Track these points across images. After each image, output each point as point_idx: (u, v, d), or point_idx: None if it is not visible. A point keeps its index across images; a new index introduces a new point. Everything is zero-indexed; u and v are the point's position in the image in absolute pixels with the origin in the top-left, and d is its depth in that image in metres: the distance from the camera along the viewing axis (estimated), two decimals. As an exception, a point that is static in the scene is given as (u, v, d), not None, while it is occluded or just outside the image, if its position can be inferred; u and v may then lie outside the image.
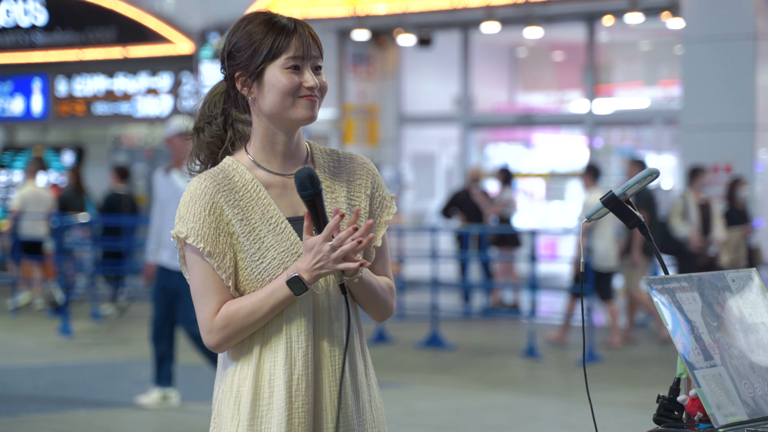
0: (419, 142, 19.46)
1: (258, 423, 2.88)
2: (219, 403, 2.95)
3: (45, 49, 20.36)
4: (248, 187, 2.90)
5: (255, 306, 2.84)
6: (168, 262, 8.84)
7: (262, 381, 2.88)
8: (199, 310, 2.88)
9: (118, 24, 19.39)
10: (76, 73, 20.31)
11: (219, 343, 2.87)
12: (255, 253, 2.86)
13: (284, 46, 2.89)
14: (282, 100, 2.88)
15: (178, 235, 2.87)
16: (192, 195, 2.87)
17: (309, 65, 2.90)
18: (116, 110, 19.95)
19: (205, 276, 2.87)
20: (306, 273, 2.80)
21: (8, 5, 20.72)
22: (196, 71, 18.49)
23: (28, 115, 21.16)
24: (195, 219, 2.85)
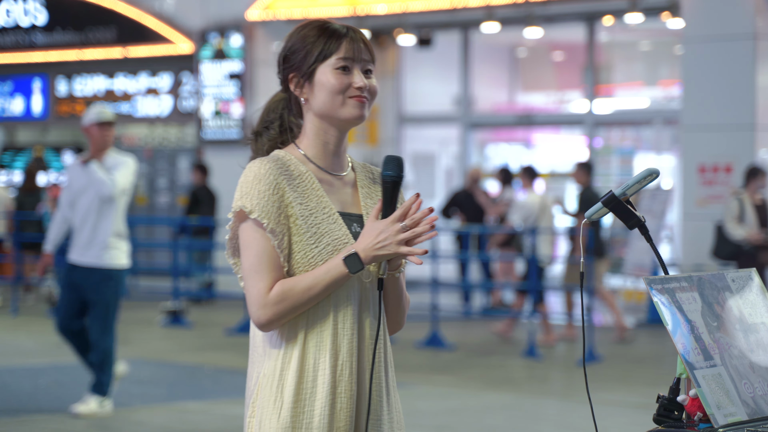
0: (419, 142, 19.46)
1: (301, 406, 2.93)
2: (258, 387, 2.98)
3: (45, 49, 20.36)
4: (303, 177, 3.01)
5: (311, 283, 2.90)
6: (78, 259, 8.56)
7: (307, 365, 2.94)
8: (252, 285, 2.93)
9: (118, 24, 19.38)
10: (76, 73, 20.31)
11: (270, 319, 2.91)
12: (311, 237, 2.95)
13: (335, 47, 3.01)
14: (332, 99, 3.00)
15: (243, 209, 2.93)
16: (255, 174, 2.96)
17: (359, 67, 3.02)
18: (116, 110, 19.94)
19: (263, 252, 2.93)
20: (364, 251, 2.89)
21: (8, 5, 20.72)
22: (196, 71, 18.48)
23: (28, 115, 21.16)
24: (260, 196, 2.94)
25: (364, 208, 3.06)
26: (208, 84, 18.30)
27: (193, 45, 18.51)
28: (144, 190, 20.42)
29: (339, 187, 3.05)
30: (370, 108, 3.04)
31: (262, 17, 17.76)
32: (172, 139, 20.33)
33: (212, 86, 18.27)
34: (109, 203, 8.63)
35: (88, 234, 8.60)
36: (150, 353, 12.06)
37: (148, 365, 11.28)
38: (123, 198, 8.73)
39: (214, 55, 18.22)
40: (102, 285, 8.55)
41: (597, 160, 17.63)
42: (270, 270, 2.92)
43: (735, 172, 14.02)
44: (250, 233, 2.94)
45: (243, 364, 11.30)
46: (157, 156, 20.31)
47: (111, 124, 8.71)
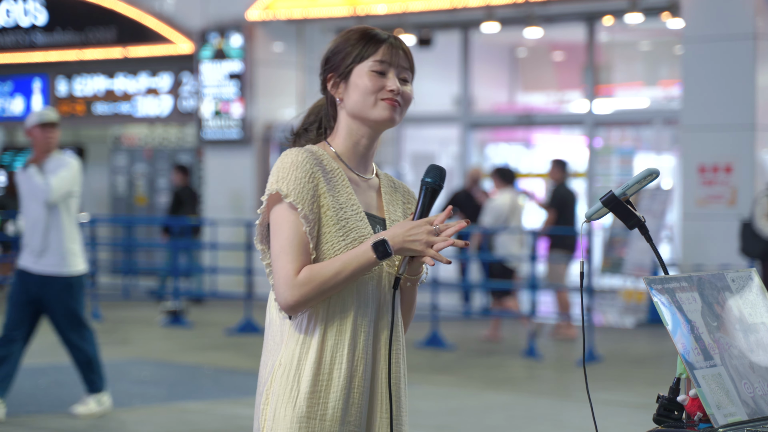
0: (419, 142, 19.46)
1: (317, 397, 2.97)
2: (273, 375, 3.01)
3: (45, 49, 20.36)
4: (335, 173, 3.07)
5: (339, 267, 2.95)
6: (31, 267, 8.36)
7: (325, 357, 2.99)
8: (281, 266, 2.96)
9: (118, 24, 19.38)
10: (76, 73, 20.31)
11: (297, 301, 2.95)
12: (339, 230, 3.01)
13: (373, 50, 3.09)
14: (364, 99, 3.06)
15: (279, 192, 2.98)
16: (293, 161, 3.02)
17: (395, 72, 3.09)
18: (116, 110, 19.95)
19: (295, 235, 2.97)
20: (393, 239, 2.94)
21: (8, 5, 20.72)
22: (196, 71, 18.48)
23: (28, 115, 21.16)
24: (296, 182, 2.99)
25: (387, 213, 3.14)
26: (208, 84, 18.29)
27: (193, 45, 18.51)
28: (144, 190, 20.43)
29: (365, 188, 3.13)
30: (403, 114, 3.11)
31: (262, 17, 17.76)
32: (172, 139, 20.33)
33: (212, 86, 18.26)
34: (56, 208, 8.38)
35: (39, 240, 8.35)
36: (150, 353, 12.05)
37: (148, 365, 11.28)
38: (72, 201, 8.47)
39: (214, 55, 18.22)
40: (65, 294, 8.36)
41: (597, 160, 17.64)
42: (300, 253, 2.96)
43: (735, 172, 14.02)
44: (283, 216, 2.99)
45: (243, 364, 11.33)
46: (157, 156, 20.31)
47: (54, 125, 8.47)
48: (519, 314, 13.46)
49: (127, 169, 20.53)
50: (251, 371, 10.79)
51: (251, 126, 17.77)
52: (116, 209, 20.48)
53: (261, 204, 3.06)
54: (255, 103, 17.91)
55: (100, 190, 21.04)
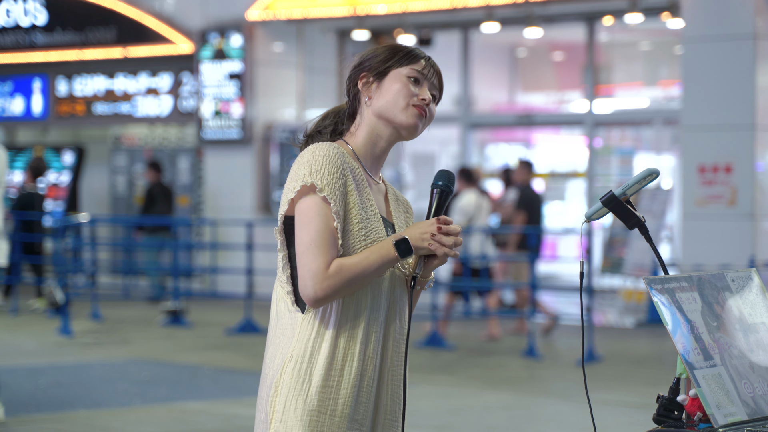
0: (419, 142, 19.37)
1: (328, 391, 2.98)
2: (284, 368, 3.01)
3: (45, 49, 20.36)
4: (356, 172, 3.11)
5: (365, 262, 2.98)
6: None
7: (338, 352, 3.00)
8: (311, 259, 2.97)
9: (118, 24, 19.38)
10: (76, 73, 20.31)
11: (327, 294, 2.96)
12: (362, 230, 3.04)
13: (413, 60, 3.15)
14: (396, 101, 3.10)
15: (314, 184, 2.99)
16: (325, 156, 3.03)
17: (428, 86, 3.15)
18: (116, 110, 19.95)
19: (326, 229, 2.98)
20: (413, 237, 2.99)
21: (8, 5, 20.72)
22: (196, 71, 18.48)
23: (28, 115, 21.16)
24: (329, 177, 3.01)
25: (395, 219, 3.19)
26: (208, 84, 18.29)
27: (193, 45, 18.51)
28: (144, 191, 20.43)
29: (376, 192, 3.18)
30: (425, 127, 3.15)
31: (262, 17, 17.76)
32: (172, 139, 20.33)
33: (212, 86, 18.26)
34: None
35: None
36: (150, 353, 12.06)
37: (148, 365, 11.28)
38: None
39: (214, 55, 18.22)
40: None
41: (597, 160, 17.64)
42: (331, 246, 2.98)
43: (735, 172, 14.02)
44: (315, 209, 2.99)
45: (243, 364, 11.32)
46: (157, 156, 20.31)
47: None
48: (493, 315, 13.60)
49: (127, 169, 20.52)
50: (251, 371, 10.79)
51: (251, 126, 17.76)
52: (116, 209, 20.47)
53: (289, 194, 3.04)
54: (255, 103, 17.91)
55: (100, 190, 21.04)
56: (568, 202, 19.21)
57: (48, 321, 14.49)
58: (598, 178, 17.49)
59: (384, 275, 3.05)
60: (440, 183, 3.09)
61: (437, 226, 3.00)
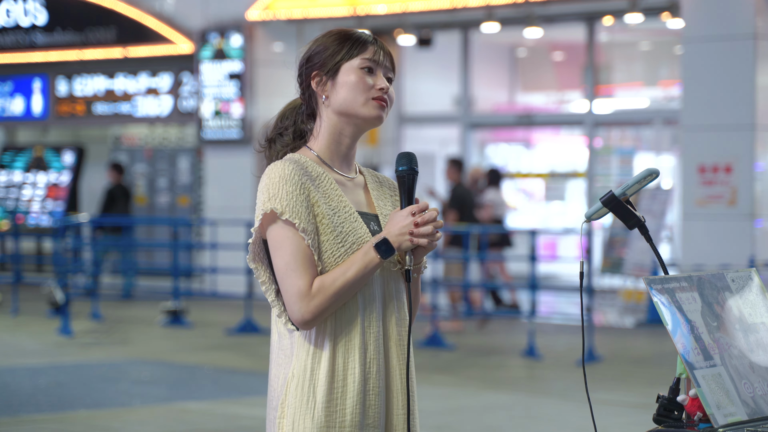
0: (419, 142, 19.45)
1: (334, 405, 2.96)
2: (287, 388, 2.98)
3: (45, 49, 20.36)
4: (321, 178, 3.05)
5: (347, 273, 2.93)
6: None
7: (338, 364, 2.97)
8: (291, 284, 2.93)
9: (118, 24, 19.38)
10: (76, 73, 20.31)
11: (314, 314, 2.92)
12: (336, 237, 2.98)
13: (362, 49, 3.08)
14: (354, 97, 3.04)
15: (274, 211, 2.94)
16: (281, 176, 2.97)
17: (382, 72, 3.08)
18: (116, 110, 19.95)
19: (298, 250, 2.93)
20: (392, 237, 2.95)
21: (8, 5, 20.72)
22: (196, 71, 18.48)
23: (28, 115, 21.16)
24: (288, 197, 2.95)
25: (378, 209, 3.13)
26: (208, 84, 18.29)
27: (193, 45, 18.51)
28: (144, 191, 20.42)
29: (352, 188, 3.10)
30: (387, 114, 3.10)
31: (262, 17, 17.76)
32: (172, 139, 20.32)
33: (212, 86, 18.26)
34: None
35: None
36: (150, 353, 12.06)
37: (148, 365, 11.28)
38: None
39: (214, 55, 18.22)
40: None
41: (597, 160, 17.64)
42: (308, 266, 2.93)
43: (735, 172, 14.02)
44: (282, 234, 2.95)
45: (243, 364, 11.33)
46: (157, 156, 20.31)
47: None
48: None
49: (127, 169, 20.52)
50: (251, 371, 10.79)
51: (251, 126, 17.76)
52: (116, 209, 20.47)
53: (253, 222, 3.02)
54: (255, 103, 17.91)
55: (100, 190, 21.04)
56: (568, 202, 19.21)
57: (48, 321, 14.49)
58: (598, 178, 17.49)
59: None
60: (403, 168, 3.04)
61: (413, 220, 2.95)
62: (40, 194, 20.55)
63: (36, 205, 20.42)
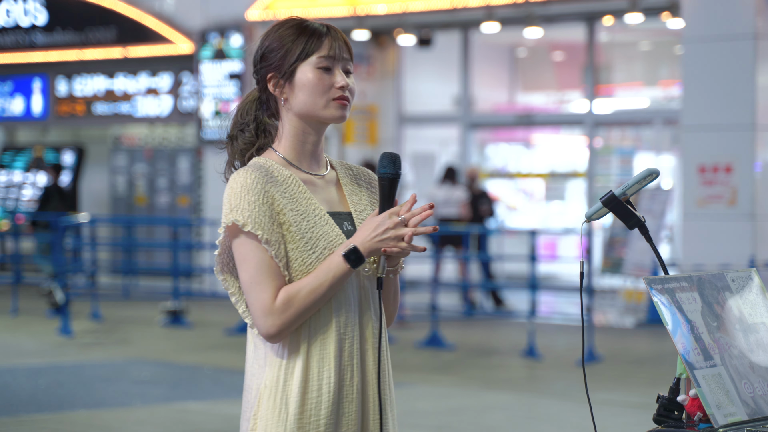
0: (419, 142, 19.45)
1: (307, 416, 2.88)
2: (259, 399, 2.91)
3: (45, 49, 20.36)
4: (289, 182, 2.94)
5: (314, 284, 2.84)
6: None
7: (311, 374, 2.89)
8: (255, 298, 2.84)
9: (118, 24, 19.38)
10: (76, 73, 20.31)
11: (280, 328, 2.84)
12: (306, 243, 2.88)
13: (316, 46, 2.97)
14: (314, 100, 2.94)
15: (235, 223, 2.85)
16: (243, 185, 2.86)
17: (340, 66, 2.96)
18: (116, 110, 19.95)
19: (262, 263, 2.84)
20: (363, 244, 2.83)
21: (8, 5, 20.72)
22: (196, 71, 18.48)
23: (28, 115, 21.16)
24: (250, 208, 2.85)
25: (351, 206, 3.02)
26: (208, 84, 18.29)
27: (193, 45, 18.51)
28: (144, 190, 20.42)
29: (323, 186, 3.00)
30: (350, 109, 2.98)
31: (262, 17, 17.76)
32: (172, 139, 20.32)
33: (212, 86, 18.26)
34: None
35: None
36: (150, 353, 12.06)
37: (148, 365, 11.28)
38: None
39: (214, 55, 18.22)
40: None
41: (597, 160, 17.64)
42: (272, 278, 2.84)
43: (735, 172, 14.02)
44: (245, 247, 2.86)
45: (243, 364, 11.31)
46: (157, 156, 20.31)
47: None
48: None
49: (127, 169, 20.52)
50: (251, 371, 10.79)
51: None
52: (116, 209, 20.48)
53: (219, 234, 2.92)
54: (255, 103, 17.89)
55: (100, 190, 21.04)
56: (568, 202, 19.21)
57: (48, 321, 14.49)
58: (598, 178, 17.48)
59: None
60: (386, 171, 2.91)
61: (397, 219, 2.85)
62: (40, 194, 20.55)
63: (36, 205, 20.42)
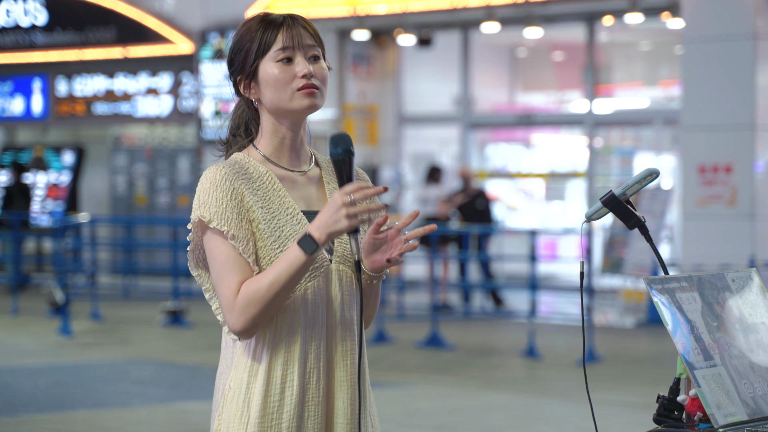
0: (419, 142, 19.45)
1: (268, 420, 2.85)
2: (224, 400, 2.90)
3: (45, 49, 20.36)
4: (263, 179, 2.90)
5: (273, 277, 2.77)
6: None
7: (274, 377, 2.85)
8: (221, 294, 2.81)
9: (118, 24, 19.38)
10: (76, 73, 20.31)
11: (245, 324, 2.79)
12: (275, 241, 2.84)
13: (272, 39, 2.89)
14: (279, 93, 2.89)
15: (201, 219, 2.83)
16: (212, 181, 2.84)
17: (301, 54, 2.90)
18: (116, 110, 19.95)
19: (227, 258, 2.81)
20: (317, 230, 2.74)
21: (8, 5, 20.72)
22: (196, 71, 18.48)
23: (28, 115, 21.16)
24: (218, 204, 2.82)
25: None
26: (208, 84, 18.29)
27: (193, 45, 18.51)
28: (144, 190, 20.42)
29: (303, 183, 2.96)
30: (324, 94, 2.91)
31: (262, 17, 17.75)
32: (172, 139, 20.32)
33: (212, 86, 18.26)
34: None
35: None
36: (150, 353, 12.06)
37: (148, 365, 11.28)
38: None
39: (214, 55, 18.22)
40: None
41: (597, 160, 17.64)
42: (236, 273, 2.80)
43: (735, 172, 14.02)
44: (213, 243, 2.83)
45: (243, 364, 11.32)
46: (157, 156, 20.31)
47: None
48: None
49: (127, 169, 20.53)
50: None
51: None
52: (116, 209, 20.48)
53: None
54: (255, 103, 17.91)
55: (100, 190, 21.04)
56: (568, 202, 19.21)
57: (48, 321, 14.49)
58: (598, 178, 17.48)
59: (313, 274, 2.86)
60: (339, 151, 2.80)
61: (346, 200, 2.72)
62: (40, 194, 20.57)
63: (36, 205, 20.43)
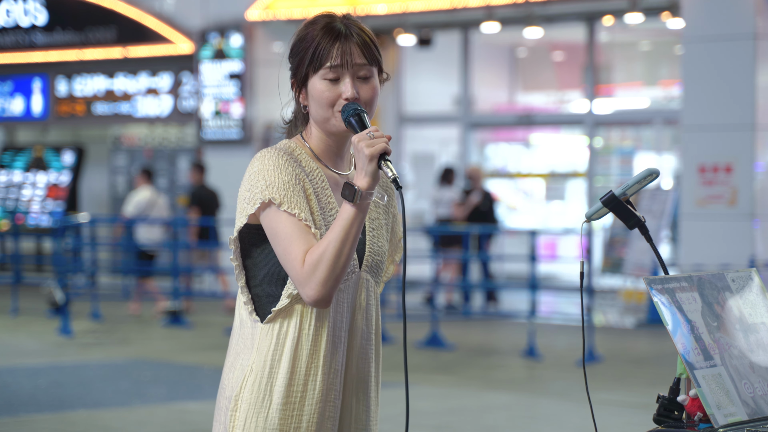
0: (419, 142, 19.45)
1: (290, 409, 2.86)
2: (244, 380, 2.88)
3: (45, 49, 20.36)
4: (314, 174, 2.93)
5: (331, 237, 2.76)
6: None
7: (299, 366, 2.86)
8: (291, 267, 2.80)
9: (118, 24, 19.38)
10: (76, 73, 20.31)
11: (317, 290, 2.77)
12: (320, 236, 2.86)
13: (324, 55, 2.88)
14: (322, 112, 2.90)
15: (272, 201, 2.82)
16: (276, 165, 2.85)
17: (350, 75, 2.88)
18: (116, 110, 19.94)
19: (293, 230, 2.80)
20: (356, 179, 2.76)
21: (8, 5, 20.72)
22: (196, 71, 18.48)
23: (28, 115, 21.16)
24: (285, 187, 2.83)
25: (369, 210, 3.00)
26: (208, 84, 18.29)
27: (193, 45, 18.50)
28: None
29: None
30: (371, 115, 2.90)
31: (262, 17, 17.76)
32: (172, 139, 20.32)
33: (212, 86, 18.26)
34: None
35: None
36: (150, 353, 12.06)
37: (148, 365, 11.28)
38: None
39: (214, 55, 18.22)
40: None
41: (597, 160, 17.64)
42: (303, 244, 2.79)
43: (735, 172, 14.02)
44: (278, 221, 2.82)
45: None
46: (157, 156, 20.31)
47: None
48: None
49: (127, 169, 20.52)
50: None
51: (251, 126, 17.76)
52: (116, 209, 20.47)
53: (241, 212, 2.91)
54: (255, 103, 17.91)
55: (100, 190, 21.03)
56: (568, 202, 19.21)
57: (48, 321, 14.49)
58: (598, 178, 17.48)
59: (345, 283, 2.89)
60: (350, 111, 2.83)
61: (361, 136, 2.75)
62: (40, 194, 20.57)
63: (36, 205, 20.42)
